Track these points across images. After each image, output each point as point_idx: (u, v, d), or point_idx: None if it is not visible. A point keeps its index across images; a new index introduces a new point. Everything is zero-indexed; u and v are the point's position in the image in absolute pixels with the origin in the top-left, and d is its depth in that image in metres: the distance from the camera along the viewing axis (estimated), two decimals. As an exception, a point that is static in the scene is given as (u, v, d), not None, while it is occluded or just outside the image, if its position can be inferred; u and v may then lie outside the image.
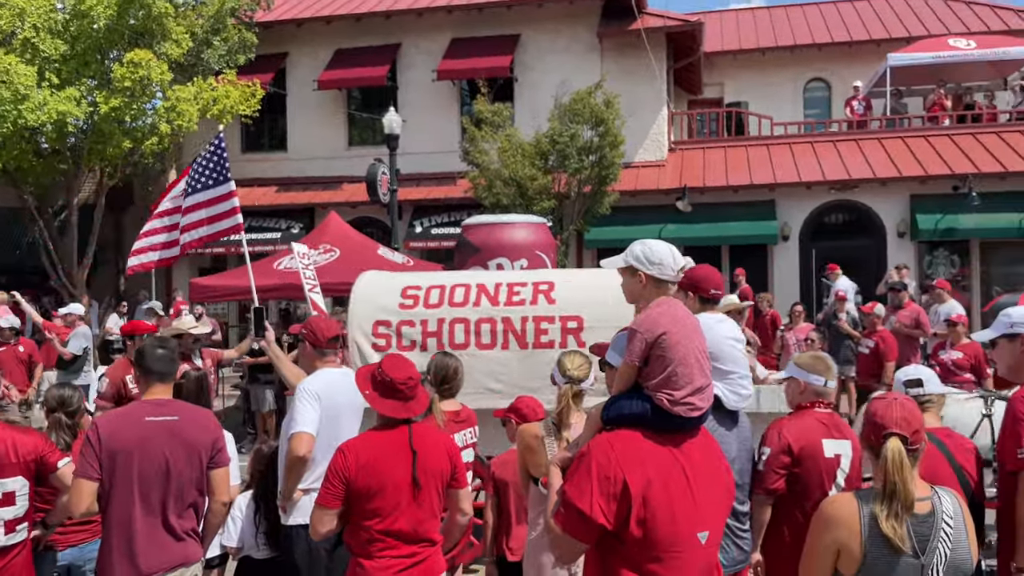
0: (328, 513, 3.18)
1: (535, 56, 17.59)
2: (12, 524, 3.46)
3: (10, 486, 3.44)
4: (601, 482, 2.30)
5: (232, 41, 16.23)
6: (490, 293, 5.68)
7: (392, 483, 3.16)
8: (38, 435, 3.66)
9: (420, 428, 3.32)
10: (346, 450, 3.21)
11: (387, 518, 3.16)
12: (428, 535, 3.26)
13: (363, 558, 3.19)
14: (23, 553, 3.54)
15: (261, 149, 19.21)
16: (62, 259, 16.13)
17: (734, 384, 3.52)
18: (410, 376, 3.25)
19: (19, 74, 12.97)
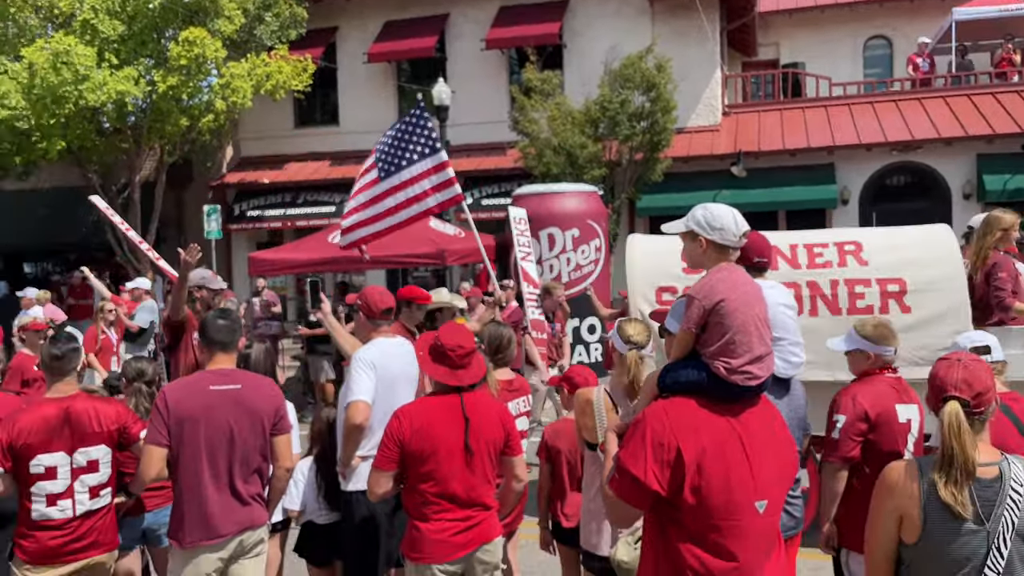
0: (384, 475, 3.30)
1: (584, 22, 17.35)
2: (96, 489, 3.63)
3: (94, 454, 3.61)
4: (655, 448, 2.31)
5: (283, 16, 16.37)
6: (787, 255, 5.25)
7: (445, 448, 3.25)
8: (120, 405, 3.82)
9: (473, 396, 3.39)
10: (401, 415, 3.32)
11: (441, 482, 3.26)
12: (482, 499, 3.34)
13: (419, 521, 3.29)
14: (107, 517, 3.72)
15: (313, 123, 19.43)
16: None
17: (784, 351, 3.48)
18: (460, 344, 3.32)
19: (79, 55, 13.30)
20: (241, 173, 19.18)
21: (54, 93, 13.34)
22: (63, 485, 3.55)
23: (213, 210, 16.16)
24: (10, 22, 14.41)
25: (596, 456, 3.57)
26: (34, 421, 3.54)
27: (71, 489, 3.57)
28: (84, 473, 3.59)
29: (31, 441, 3.50)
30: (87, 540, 3.61)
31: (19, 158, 15.15)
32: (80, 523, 3.59)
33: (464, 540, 3.32)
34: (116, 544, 3.79)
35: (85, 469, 3.59)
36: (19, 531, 3.60)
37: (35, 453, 3.51)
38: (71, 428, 3.56)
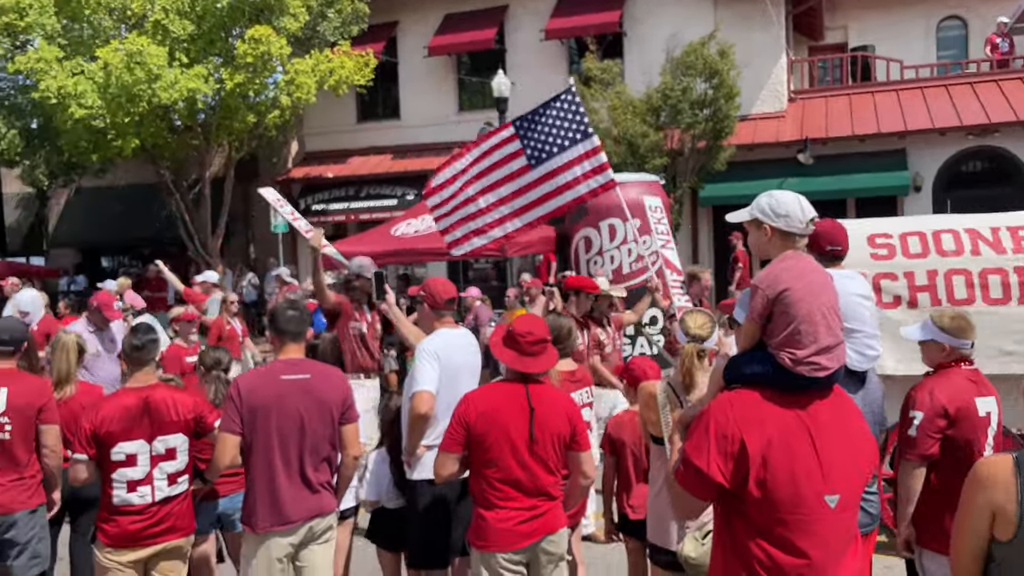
0: (449, 457, 3.35)
1: (645, 9, 17.13)
2: (174, 476, 3.76)
3: (172, 442, 3.74)
4: (718, 440, 2.30)
5: (346, 12, 16.60)
6: (989, 239, 4.92)
7: (509, 435, 3.28)
8: (197, 395, 3.96)
9: (540, 387, 3.40)
10: (468, 399, 3.39)
11: (505, 469, 3.29)
12: (547, 490, 3.35)
13: (484, 509, 3.33)
14: (184, 503, 3.85)
15: (375, 118, 19.67)
16: (197, 230, 17.16)
17: (859, 344, 3.38)
18: (531, 331, 3.36)
19: (152, 55, 13.73)
20: (306, 168, 19.55)
21: (128, 92, 13.80)
22: (143, 472, 3.68)
23: (279, 204, 16.50)
24: (85, 24, 14.96)
25: (661, 450, 3.54)
26: (116, 410, 3.67)
27: (150, 476, 3.70)
28: (162, 460, 3.72)
29: (113, 429, 3.64)
30: (165, 525, 3.74)
31: (96, 156, 15.75)
32: (159, 509, 3.72)
33: (529, 529, 3.33)
34: (192, 529, 3.92)
35: (163, 457, 3.72)
36: (101, 516, 3.76)
37: (117, 441, 3.64)
38: (150, 417, 3.69)
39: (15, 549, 3.99)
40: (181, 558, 3.89)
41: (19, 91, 16.10)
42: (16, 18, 14.71)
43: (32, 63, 14.11)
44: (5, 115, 15.86)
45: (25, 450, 4.04)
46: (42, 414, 4.06)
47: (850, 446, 2.39)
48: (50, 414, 4.10)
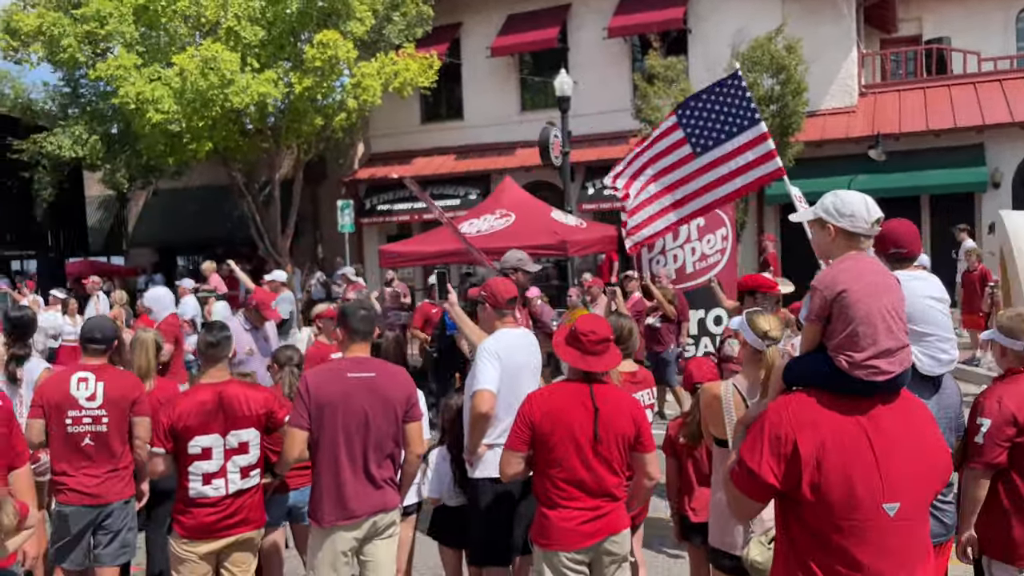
0: (514, 456, 3.38)
1: (710, 5, 16.89)
2: (246, 470, 3.89)
3: (244, 436, 3.86)
4: (772, 442, 2.28)
5: (410, 15, 16.84)
6: None
7: (573, 435, 3.29)
8: (268, 391, 4.08)
9: (605, 387, 3.41)
10: (532, 398, 3.41)
11: (568, 469, 3.30)
12: (610, 490, 3.35)
13: (547, 508, 3.35)
14: (256, 496, 3.97)
15: (439, 119, 19.88)
16: (267, 230, 17.64)
17: (931, 347, 3.28)
18: (593, 330, 3.37)
19: (225, 61, 14.17)
20: (371, 169, 19.89)
21: (203, 97, 14.27)
22: (217, 465, 3.81)
23: (346, 205, 16.87)
24: (162, 32, 15.52)
25: (724, 452, 3.51)
26: (192, 405, 3.82)
27: (224, 469, 3.82)
28: (236, 454, 3.84)
29: (189, 424, 3.78)
30: (238, 517, 3.86)
31: (172, 159, 16.34)
32: (232, 501, 3.85)
33: (592, 529, 3.33)
34: (264, 522, 4.04)
35: (236, 450, 3.84)
36: (177, 507, 3.90)
37: (193, 435, 3.78)
38: (224, 412, 3.82)
39: (107, 537, 4.16)
40: (252, 550, 4.01)
41: (100, 97, 16.79)
42: (97, 27, 15.36)
43: (112, 70, 14.71)
44: (87, 121, 16.57)
45: (120, 442, 4.21)
46: (135, 407, 4.24)
47: (917, 454, 2.32)
48: (142, 407, 4.26)
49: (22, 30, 15.80)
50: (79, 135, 16.16)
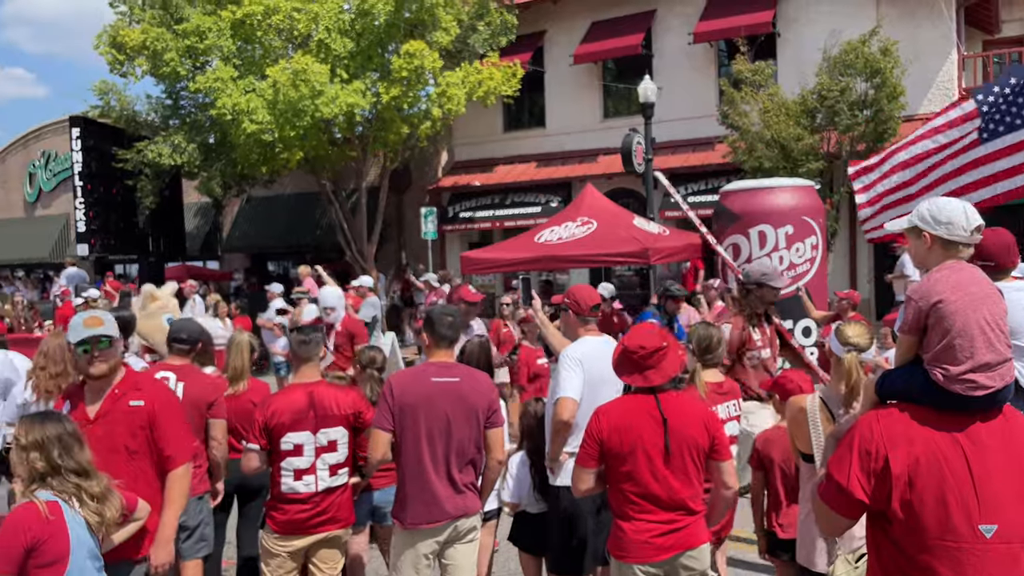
0: (585, 472, 3.36)
1: (800, 8, 16.47)
2: (335, 468, 3.99)
3: (333, 435, 3.97)
4: (861, 456, 2.22)
5: (495, 25, 17.01)
6: None
7: (642, 448, 3.24)
8: (356, 392, 4.18)
9: (672, 397, 3.35)
10: (600, 412, 3.37)
11: (640, 482, 3.25)
12: (685, 503, 3.28)
13: (622, 520, 3.31)
14: (344, 495, 4.07)
15: (521, 127, 20.00)
16: (354, 237, 18.07)
17: (1036, 363, 3.11)
18: (641, 345, 3.30)
19: (315, 72, 14.61)
20: (454, 177, 20.15)
21: (294, 108, 14.74)
22: (308, 462, 3.92)
23: (430, 212, 17.14)
24: (257, 45, 16.12)
25: (812, 468, 3.41)
26: (285, 403, 3.95)
27: (314, 466, 3.93)
28: (325, 452, 3.95)
29: (282, 421, 3.91)
30: (327, 515, 3.96)
31: (265, 168, 16.93)
32: (322, 498, 3.95)
33: (667, 543, 3.28)
34: (351, 521, 4.13)
35: (326, 448, 3.95)
36: (270, 503, 4.04)
37: (285, 431, 3.91)
38: (315, 410, 3.94)
39: (184, 532, 4.29)
40: (340, 548, 4.10)
41: (199, 109, 17.53)
42: (197, 41, 16.07)
43: (210, 82, 15.36)
44: (187, 131, 17.34)
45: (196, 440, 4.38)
46: (211, 409, 4.39)
47: (1018, 473, 2.20)
48: (219, 409, 4.42)
49: (128, 45, 16.66)
50: (179, 144, 16.91)
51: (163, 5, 17.05)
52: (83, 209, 19.60)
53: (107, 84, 18.26)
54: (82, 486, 2.82)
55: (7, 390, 5.44)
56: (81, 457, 2.88)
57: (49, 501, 2.77)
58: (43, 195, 25.91)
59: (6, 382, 5.41)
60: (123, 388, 3.51)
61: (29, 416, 2.97)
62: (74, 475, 2.83)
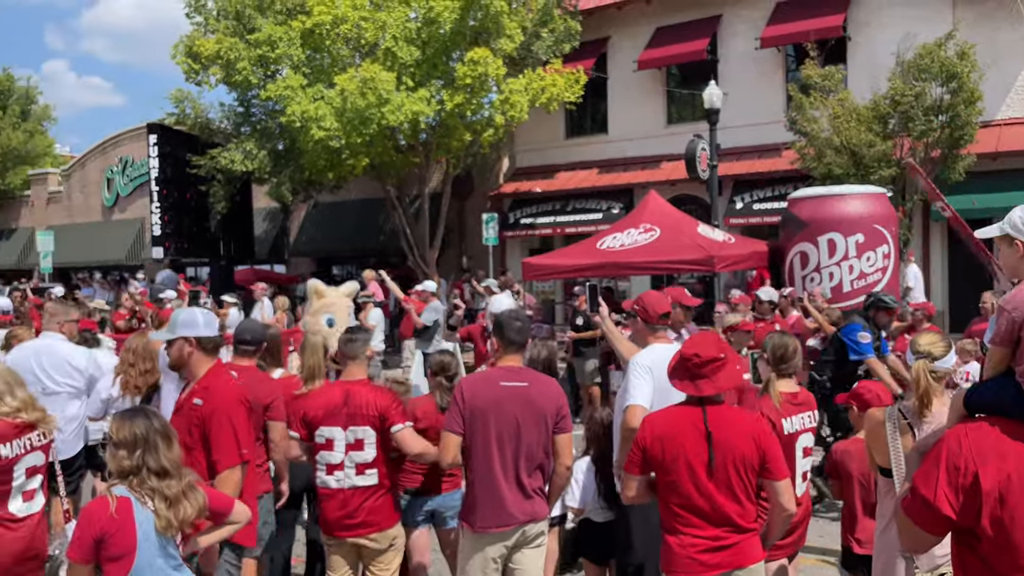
0: (631, 479, 3.32)
1: (871, 11, 16.08)
2: (362, 467, 4.00)
3: (360, 433, 4.00)
4: (949, 471, 2.15)
5: (559, 31, 17.04)
6: None
7: (685, 460, 3.16)
8: (391, 397, 4.14)
9: (722, 409, 3.26)
10: (646, 420, 3.34)
11: (684, 495, 3.18)
12: (732, 520, 3.17)
13: (668, 533, 3.24)
14: (377, 499, 4.02)
15: (583, 133, 19.97)
16: (416, 243, 18.29)
17: None
18: (697, 352, 3.22)
19: (382, 80, 14.86)
20: (516, 183, 20.23)
21: (361, 115, 15.01)
22: (338, 458, 4.00)
23: (491, 218, 17.24)
24: (326, 54, 16.48)
25: (890, 482, 3.32)
26: (322, 398, 4.08)
27: (343, 464, 4.00)
28: (353, 449, 4.00)
29: (317, 414, 4.02)
30: (359, 518, 3.98)
31: (331, 173, 17.29)
32: (350, 497, 3.98)
33: (713, 560, 3.16)
34: (387, 526, 4.06)
35: (354, 446, 4.00)
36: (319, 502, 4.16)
37: (318, 425, 4.02)
38: (348, 407, 4.01)
39: None
40: (387, 551, 4.09)
41: (269, 116, 18.00)
42: (268, 50, 16.52)
43: (280, 90, 15.76)
44: (257, 138, 17.81)
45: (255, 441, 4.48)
46: (269, 411, 4.46)
47: None
48: (277, 412, 4.48)
49: (203, 55, 17.23)
50: (250, 151, 17.38)
51: (236, 15, 17.57)
52: (158, 213, 20.31)
53: (182, 92, 18.90)
54: (157, 488, 2.87)
55: (91, 386, 5.69)
56: (165, 457, 2.93)
57: (121, 497, 2.85)
58: (120, 200, 26.90)
59: (91, 379, 5.65)
60: (198, 386, 3.74)
61: (122, 412, 3.10)
62: (154, 476, 2.89)
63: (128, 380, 5.12)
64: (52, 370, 5.54)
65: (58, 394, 5.55)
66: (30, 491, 3.58)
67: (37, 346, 5.71)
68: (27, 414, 3.51)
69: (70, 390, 5.60)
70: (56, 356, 5.60)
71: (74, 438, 5.68)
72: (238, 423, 3.70)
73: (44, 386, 5.52)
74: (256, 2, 17.58)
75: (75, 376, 5.61)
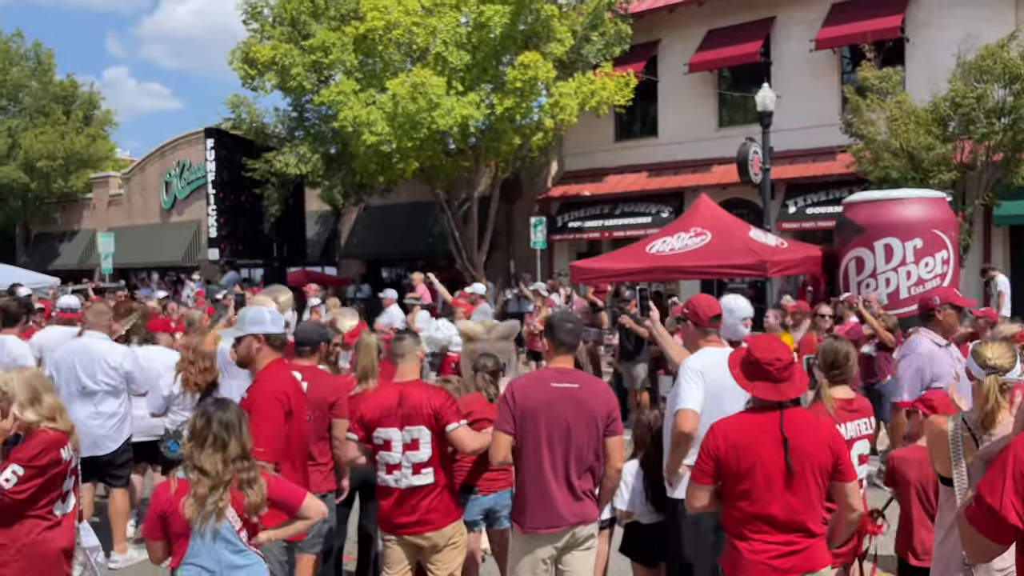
0: (700, 489, 3.26)
1: (931, 11, 15.70)
2: (418, 467, 4.02)
3: (415, 433, 4.02)
4: (1016, 479, 2.13)
5: (609, 35, 17.01)
6: None
7: (762, 466, 3.12)
8: (444, 396, 4.17)
9: (796, 413, 3.22)
10: (716, 429, 3.25)
11: (758, 501, 3.13)
12: (806, 525, 3.14)
13: (736, 539, 3.20)
14: (435, 498, 4.03)
15: (632, 136, 19.88)
16: (464, 246, 18.41)
17: None
18: (777, 357, 3.17)
19: (432, 85, 15.01)
20: (564, 187, 20.22)
21: (411, 120, 15.19)
22: (396, 458, 4.03)
23: (539, 222, 17.25)
24: (378, 59, 16.71)
25: (951, 491, 3.24)
26: (379, 400, 4.11)
27: (400, 464, 4.03)
28: (409, 449, 4.02)
29: (374, 416, 4.06)
30: (416, 515, 4.01)
31: (382, 177, 17.51)
32: (408, 496, 4.01)
33: (785, 565, 3.14)
34: (445, 523, 4.07)
35: (410, 446, 4.03)
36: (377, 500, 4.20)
37: (376, 426, 4.05)
38: (403, 408, 4.04)
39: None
40: (447, 549, 4.11)
41: (322, 120, 18.32)
42: (322, 56, 16.83)
43: (334, 96, 16.03)
44: (310, 142, 18.14)
45: (319, 439, 4.55)
46: (334, 409, 4.55)
47: None
48: (341, 409, 4.57)
49: (259, 61, 17.63)
50: (303, 155, 17.72)
51: (292, 22, 17.93)
52: (215, 215, 20.81)
53: (239, 98, 19.35)
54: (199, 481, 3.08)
55: (131, 383, 5.90)
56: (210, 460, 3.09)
57: (181, 479, 3.12)
58: (177, 202, 27.63)
59: (128, 375, 5.87)
60: (254, 381, 3.88)
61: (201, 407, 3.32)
62: (197, 472, 3.09)
63: (188, 377, 5.27)
64: (90, 369, 5.76)
65: (95, 392, 5.77)
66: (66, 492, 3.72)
67: (77, 346, 5.93)
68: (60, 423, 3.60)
69: (107, 388, 5.81)
70: (93, 355, 5.81)
71: (115, 433, 5.89)
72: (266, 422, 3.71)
73: (83, 385, 5.74)
74: (311, 8, 17.92)
75: (111, 374, 5.81)
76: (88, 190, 30.34)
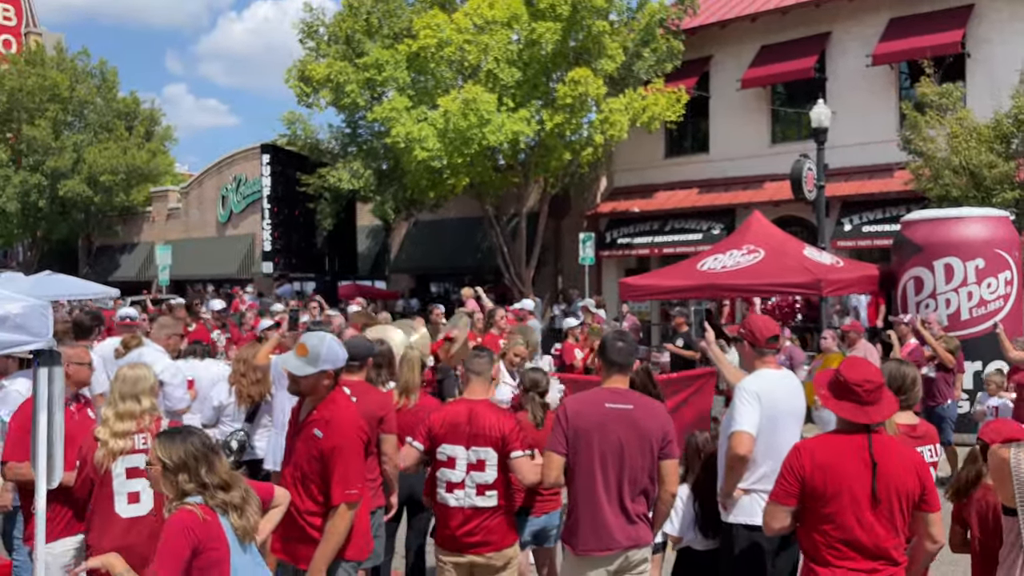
0: (780, 509, 3.20)
1: (993, 26, 15.30)
2: (482, 488, 3.96)
3: (482, 454, 3.97)
4: None
5: (660, 51, 16.94)
6: None
7: (849, 490, 3.07)
8: (511, 419, 4.14)
9: (884, 439, 3.17)
10: (802, 448, 3.21)
11: (843, 526, 3.08)
12: (889, 553, 3.09)
13: (817, 564, 3.14)
14: (498, 519, 4.00)
15: (683, 153, 19.72)
16: (513, 261, 18.43)
17: None
18: (867, 379, 3.12)
19: (483, 101, 15.11)
20: (613, 203, 20.14)
21: (463, 136, 15.30)
22: (459, 476, 3.98)
23: (588, 238, 17.20)
24: (430, 76, 16.90)
25: (1014, 522, 3.13)
26: (446, 415, 4.08)
27: (464, 482, 3.99)
28: (474, 470, 3.98)
29: (441, 431, 4.02)
30: (477, 536, 3.97)
31: (432, 193, 17.66)
32: (471, 516, 3.97)
33: None
34: (506, 544, 4.04)
35: (475, 466, 3.98)
36: (435, 516, 4.16)
37: (441, 442, 4.01)
38: (471, 427, 3.99)
39: None
40: (502, 570, 4.06)
41: (375, 137, 18.57)
42: (375, 73, 17.08)
43: (386, 112, 16.25)
44: (364, 158, 18.40)
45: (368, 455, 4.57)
46: (383, 424, 4.54)
47: None
48: (389, 425, 4.56)
49: (314, 78, 17.97)
50: (356, 170, 17.97)
51: (346, 40, 18.24)
52: (269, 229, 21.23)
53: (294, 115, 19.74)
54: (228, 500, 2.93)
55: (206, 394, 5.99)
56: (221, 470, 2.98)
57: (200, 504, 2.88)
58: (233, 216, 28.23)
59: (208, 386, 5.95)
60: (318, 415, 3.68)
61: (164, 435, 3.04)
62: (220, 491, 2.92)
63: (241, 390, 5.34)
64: None
65: None
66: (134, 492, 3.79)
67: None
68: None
69: None
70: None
71: None
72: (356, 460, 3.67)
73: None
74: (365, 27, 18.22)
75: None
76: (148, 204, 31.15)
